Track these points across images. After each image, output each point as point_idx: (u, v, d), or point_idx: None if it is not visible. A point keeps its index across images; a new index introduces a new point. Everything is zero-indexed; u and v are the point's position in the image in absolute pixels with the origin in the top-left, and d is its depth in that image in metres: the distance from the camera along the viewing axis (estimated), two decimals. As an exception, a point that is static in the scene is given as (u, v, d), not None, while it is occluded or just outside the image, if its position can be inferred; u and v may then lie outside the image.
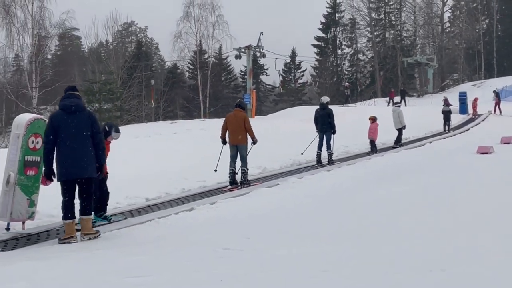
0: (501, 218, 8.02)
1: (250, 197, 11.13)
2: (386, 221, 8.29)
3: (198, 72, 70.14)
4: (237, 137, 13.33)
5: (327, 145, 17.29)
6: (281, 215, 9.37)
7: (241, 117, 13.44)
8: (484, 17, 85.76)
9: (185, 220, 9.38)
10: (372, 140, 20.70)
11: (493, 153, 18.07)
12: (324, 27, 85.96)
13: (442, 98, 46.76)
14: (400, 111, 23.02)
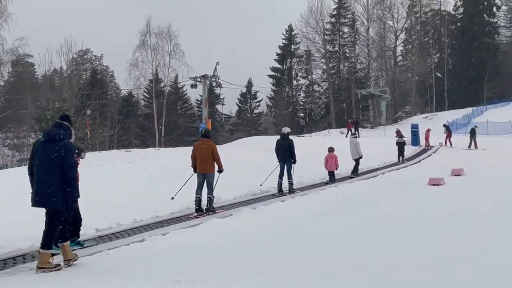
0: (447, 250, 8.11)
1: (203, 228, 10.97)
2: (341, 254, 8.29)
3: (154, 101, 69.93)
4: (205, 166, 13.52)
5: (288, 174, 17.50)
6: (233, 247, 9.25)
7: (209, 146, 13.67)
8: (435, 51, 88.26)
9: (136, 251, 9.16)
10: (330, 171, 20.94)
11: (444, 184, 18.36)
12: (280, 58, 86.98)
13: (394, 130, 47.70)
14: (357, 142, 23.53)
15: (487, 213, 11.96)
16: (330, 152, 21.20)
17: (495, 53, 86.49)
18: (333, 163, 20.93)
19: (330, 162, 20.98)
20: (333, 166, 20.93)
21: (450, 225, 10.66)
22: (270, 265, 7.65)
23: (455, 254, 7.89)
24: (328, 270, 7.21)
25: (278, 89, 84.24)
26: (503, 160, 28.74)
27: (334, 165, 20.95)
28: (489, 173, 22.80)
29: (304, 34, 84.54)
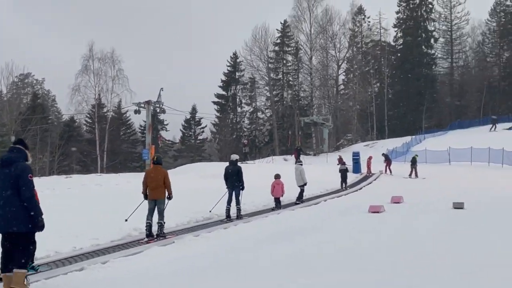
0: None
1: (144, 256, 10.85)
2: (278, 283, 8.35)
3: (96, 126, 68.96)
4: (156, 192, 13.70)
5: (236, 200, 17.83)
6: (173, 276, 9.19)
7: (161, 173, 13.84)
8: (376, 80, 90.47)
9: (74, 281, 8.98)
10: (276, 197, 21.20)
11: (384, 212, 18.72)
12: (224, 84, 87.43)
13: (337, 157, 48.44)
14: (302, 169, 23.91)
15: (422, 242, 12.28)
16: (277, 179, 21.50)
17: (433, 83, 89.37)
18: (279, 190, 21.24)
19: (276, 188, 21.27)
20: (279, 193, 21.24)
21: (387, 252, 10.89)
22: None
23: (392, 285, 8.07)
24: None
25: (222, 116, 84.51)
26: (441, 188, 29.53)
27: (280, 191, 21.27)
28: (427, 200, 23.37)
29: (248, 61, 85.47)
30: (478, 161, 43.14)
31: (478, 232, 13.78)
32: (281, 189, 21.33)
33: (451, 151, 46.28)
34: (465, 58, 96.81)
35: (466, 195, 23.76)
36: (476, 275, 8.48)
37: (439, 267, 9.28)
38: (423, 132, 74.05)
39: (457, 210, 19.35)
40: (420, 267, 9.29)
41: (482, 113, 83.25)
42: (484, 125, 70.80)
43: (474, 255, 10.35)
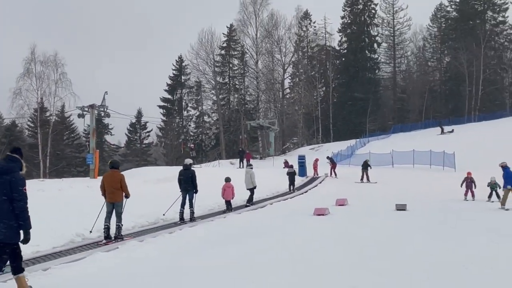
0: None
1: (87, 263, 10.64)
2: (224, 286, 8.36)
3: (39, 131, 67.29)
4: (114, 195, 14.06)
5: (190, 203, 18.20)
6: (116, 282, 9.07)
7: (117, 177, 14.18)
8: (321, 85, 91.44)
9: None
10: (227, 200, 21.57)
11: (328, 214, 18.94)
12: (170, 88, 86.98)
13: (283, 161, 48.78)
14: (253, 172, 24.30)
15: (364, 243, 12.50)
16: (227, 182, 21.87)
17: (376, 87, 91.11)
18: (229, 193, 21.61)
19: (227, 191, 21.64)
20: (230, 195, 21.60)
21: (330, 253, 11.03)
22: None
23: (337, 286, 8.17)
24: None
25: (168, 120, 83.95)
26: (385, 191, 30.09)
27: (231, 194, 21.65)
28: (371, 203, 23.79)
29: (194, 65, 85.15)
30: (420, 164, 44.11)
31: (418, 232, 14.10)
32: (232, 192, 21.66)
33: (394, 154, 47.15)
34: (407, 62, 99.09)
35: (409, 197, 24.33)
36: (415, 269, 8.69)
37: (380, 266, 9.46)
38: (367, 136, 75.29)
39: (399, 212, 19.77)
40: (363, 266, 9.45)
41: (424, 117, 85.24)
42: (426, 129, 72.47)
43: (413, 253, 10.61)
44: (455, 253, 10.88)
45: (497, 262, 9.87)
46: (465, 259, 10.08)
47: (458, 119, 74.35)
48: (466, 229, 14.97)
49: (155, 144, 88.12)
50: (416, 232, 14.25)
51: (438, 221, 16.92)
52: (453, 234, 13.88)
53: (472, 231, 14.42)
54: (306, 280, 8.56)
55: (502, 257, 10.39)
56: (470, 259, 10.05)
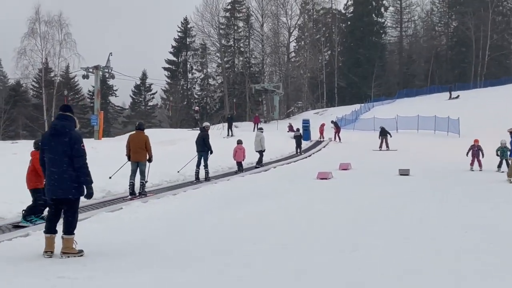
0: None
1: (92, 223, 10.77)
2: (228, 248, 8.46)
3: (43, 91, 67.29)
4: (138, 155, 15.01)
5: (204, 164, 19.28)
6: (123, 240, 9.18)
7: (142, 138, 15.10)
8: (326, 48, 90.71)
9: (19, 246, 8.86)
10: (238, 161, 22.59)
11: (332, 178, 19.04)
12: (175, 50, 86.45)
13: (287, 125, 48.76)
14: (263, 136, 25.24)
15: (366, 206, 12.61)
16: (239, 144, 22.81)
17: (382, 52, 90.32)
18: (241, 154, 22.58)
19: (238, 153, 22.60)
20: (241, 157, 22.57)
21: (331, 217, 11.13)
22: (155, 260, 7.70)
23: (337, 248, 8.27)
24: (218, 263, 7.37)
25: (173, 82, 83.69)
26: (388, 155, 30.16)
27: (242, 156, 22.60)
28: (374, 167, 23.88)
29: (199, 27, 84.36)
30: (424, 129, 44.06)
31: (419, 197, 14.19)
32: (243, 153, 22.61)
33: (398, 119, 47.07)
34: (414, 27, 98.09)
35: (412, 162, 24.37)
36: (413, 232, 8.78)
37: (378, 229, 9.56)
38: (372, 100, 74.96)
39: (403, 176, 19.86)
40: (360, 229, 9.56)
41: (429, 82, 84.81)
42: (431, 94, 72.12)
43: (412, 217, 10.70)
44: (455, 217, 10.96)
45: (498, 227, 9.92)
46: (466, 223, 10.15)
47: (464, 85, 73.86)
48: (469, 194, 15.05)
49: (159, 106, 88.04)
50: (417, 197, 14.33)
51: (440, 186, 17.00)
52: (455, 199, 13.98)
53: (476, 198, 14.51)
54: (304, 241, 8.67)
55: (504, 223, 10.45)
56: (471, 223, 10.12)
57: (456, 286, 5.96)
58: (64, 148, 7.99)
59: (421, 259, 7.29)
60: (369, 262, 7.11)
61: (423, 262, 7.11)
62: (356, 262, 7.12)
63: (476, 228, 9.67)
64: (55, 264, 7.39)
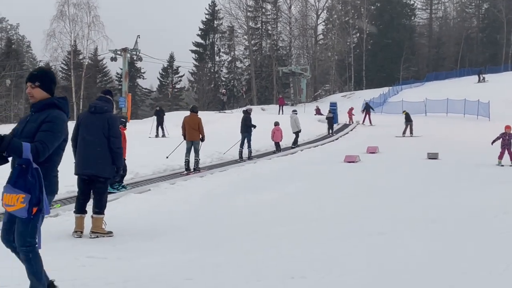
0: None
1: (120, 203, 10.88)
2: (255, 229, 8.49)
3: (72, 73, 67.81)
4: (192, 135, 16.47)
5: (248, 144, 20.95)
6: (151, 222, 9.27)
7: (196, 120, 16.57)
8: (355, 31, 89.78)
9: (49, 226, 8.98)
10: (276, 142, 23.99)
11: (359, 162, 18.95)
12: (202, 33, 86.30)
13: (314, 108, 48.54)
14: (297, 117, 26.58)
15: (393, 189, 12.54)
16: (276, 126, 24.12)
17: (411, 34, 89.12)
18: (278, 135, 23.95)
19: (276, 134, 24.00)
20: (279, 138, 23.95)
21: (359, 200, 11.09)
22: (184, 240, 7.76)
23: (362, 231, 8.24)
24: (244, 245, 7.39)
25: (200, 65, 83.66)
26: (417, 139, 29.86)
27: (280, 136, 23.97)
28: (402, 151, 23.68)
29: (227, 9, 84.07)
30: (453, 113, 43.55)
31: (448, 180, 14.04)
32: (280, 134, 23.99)
33: (427, 103, 46.56)
34: (444, 9, 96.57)
35: (441, 145, 24.09)
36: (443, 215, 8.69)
37: (408, 212, 9.50)
38: (401, 83, 74.12)
39: (431, 160, 19.66)
40: (389, 211, 9.51)
41: (459, 65, 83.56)
42: (461, 77, 71.11)
43: (441, 200, 10.59)
44: (484, 202, 10.79)
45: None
46: (496, 208, 10.00)
47: (495, 68, 72.64)
48: (498, 179, 14.83)
49: (187, 89, 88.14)
50: (445, 181, 14.16)
51: (468, 171, 16.79)
52: (483, 184, 13.78)
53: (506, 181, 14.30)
54: (333, 224, 8.66)
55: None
56: (501, 209, 9.97)
57: (488, 269, 5.87)
58: (101, 127, 8.17)
59: (449, 243, 7.21)
60: (395, 246, 7.07)
61: (450, 246, 7.03)
62: (383, 246, 7.08)
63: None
64: (85, 244, 7.50)
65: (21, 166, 4.26)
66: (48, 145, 4.38)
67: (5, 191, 4.33)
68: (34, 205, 4.29)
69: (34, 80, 4.69)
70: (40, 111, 4.60)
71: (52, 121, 4.48)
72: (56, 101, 4.67)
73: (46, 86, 4.67)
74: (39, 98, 4.65)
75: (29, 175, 4.24)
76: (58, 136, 4.51)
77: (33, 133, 4.47)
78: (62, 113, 4.61)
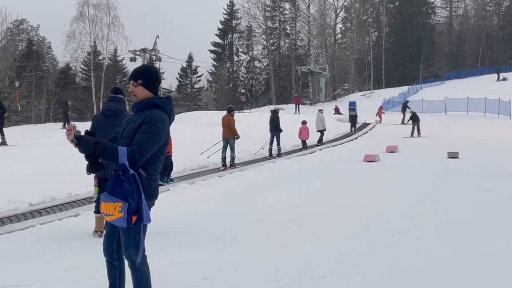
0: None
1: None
2: (273, 229, 8.49)
3: (92, 74, 68.31)
4: (227, 133, 17.72)
5: (277, 142, 21.83)
6: (169, 221, 9.31)
7: (227, 119, 17.80)
8: (373, 29, 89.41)
9: (69, 226, 9.09)
10: (303, 139, 24.87)
11: (378, 161, 18.84)
12: (221, 33, 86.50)
13: (333, 107, 48.40)
14: (323, 116, 27.46)
15: (413, 189, 12.46)
16: (304, 124, 25.04)
17: (431, 32, 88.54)
18: (305, 133, 24.89)
19: (303, 132, 24.91)
20: (306, 136, 24.90)
21: (378, 200, 11.03)
22: (201, 240, 7.78)
23: (381, 230, 8.20)
24: (262, 244, 7.40)
25: (219, 64, 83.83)
26: (437, 138, 29.62)
27: (307, 135, 24.94)
28: (422, 150, 23.52)
29: (245, 9, 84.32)
30: (474, 111, 43.19)
31: (469, 179, 13.89)
32: (307, 133, 24.96)
33: (447, 101, 46.24)
34: (464, 7, 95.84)
35: (461, 144, 23.85)
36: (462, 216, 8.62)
37: (428, 211, 9.43)
38: (420, 82, 73.66)
39: (451, 159, 19.48)
40: (408, 210, 9.46)
41: (479, 63, 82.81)
42: (481, 75, 70.39)
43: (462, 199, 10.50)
44: (507, 201, 10.64)
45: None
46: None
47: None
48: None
49: (205, 89, 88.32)
50: (466, 180, 14.00)
51: (491, 170, 16.59)
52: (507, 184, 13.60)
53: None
54: (352, 224, 8.63)
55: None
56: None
57: (510, 268, 5.81)
58: (115, 128, 8.07)
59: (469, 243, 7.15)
60: (414, 245, 7.02)
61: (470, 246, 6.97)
62: (402, 245, 7.04)
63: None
64: (100, 243, 7.53)
65: (117, 172, 4.06)
66: (146, 148, 4.13)
67: (102, 200, 4.12)
68: (133, 214, 4.04)
69: (136, 77, 4.42)
70: (141, 111, 4.35)
71: (151, 122, 4.18)
72: (157, 101, 4.36)
73: (149, 84, 4.40)
74: (142, 98, 4.39)
75: (126, 182, 4.01)
76: (157, 139, 4.21)
77: (132, 134, 4.26)
78: (163, 113, 4.29)
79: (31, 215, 10.10)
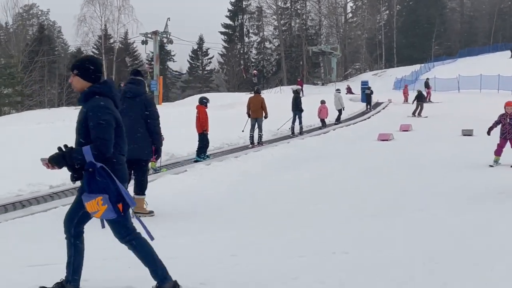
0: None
1: (160, 184, 11.04)
2: (291, 209, 8.57)
3: (103, 57, 68.26)
4: (256, 113, 18.53)
5: (299, 120, 22.60)
6: (188, 202, 9.41)
7: (259, 99, 18.74)
8: (384, 8, 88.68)
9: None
10: (322, 118, 25.49)
11: (392, 140, 18.86)
12: (231, 14, 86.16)
13: (345, 87, 48.17)
14: (340, 96, 28.24)
15: (427, 166, 12.48)
16: (322, 104, 25.69)
17: (443, 10, 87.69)
18: (324, 113, 25.55)
19: (322, 111, 25.52)
20: (325, 115, 25.59)
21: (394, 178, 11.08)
22: (225, 219, 7.89)
23: (400, 207, 8.25)
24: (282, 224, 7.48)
25: (229, 46, 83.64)
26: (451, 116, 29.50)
27: (326, 114, 25.61)
28: (436, 128, 23.45)
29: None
30: (487, 89, 42.88)
31: (484, 156, 13.85)
32: (326, 112, 25.58)
33: (460, 79, 45.95)
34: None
35: (476, 122, 23.74)
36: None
37: (446, 188, 9.47)
38: (432, 60, 73.11)
39: (465, 137, 19.43)
40: (424, 188, 9.50)
41: (492, 40, 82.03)
42: (494, 52, 69.75)
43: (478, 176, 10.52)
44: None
45: None
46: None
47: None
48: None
49: (216, 71, 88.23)
50: (481, 157, 13.95)
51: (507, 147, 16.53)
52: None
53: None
54: (367, 201, 8.69)
55: None
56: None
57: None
58: (137, 110, 8.18)
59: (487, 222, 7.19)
60: (434, 222, 7.07)
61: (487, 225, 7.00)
62: (422, 222, 7.09)
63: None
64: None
65: (87, 171, 4.10)
66: (105, 136, 4.16)
67: (85, 201, 4.18)
68: (117, 202, 4.12)
69: (72, 69, 4.40)
70: (84, 102, 4.35)
71: (92, 111, 4.19)
72: (95, 89, 4.33)
73: (84, 75, 4.34)
74: (79, 88, 4.37)
75: (97, 175, 4.06)
76: (107, 124, 4.20)
77: (79, 127, 4.32)
78: (104, 98, 4.28)
79: (51, 197, 10.23)
